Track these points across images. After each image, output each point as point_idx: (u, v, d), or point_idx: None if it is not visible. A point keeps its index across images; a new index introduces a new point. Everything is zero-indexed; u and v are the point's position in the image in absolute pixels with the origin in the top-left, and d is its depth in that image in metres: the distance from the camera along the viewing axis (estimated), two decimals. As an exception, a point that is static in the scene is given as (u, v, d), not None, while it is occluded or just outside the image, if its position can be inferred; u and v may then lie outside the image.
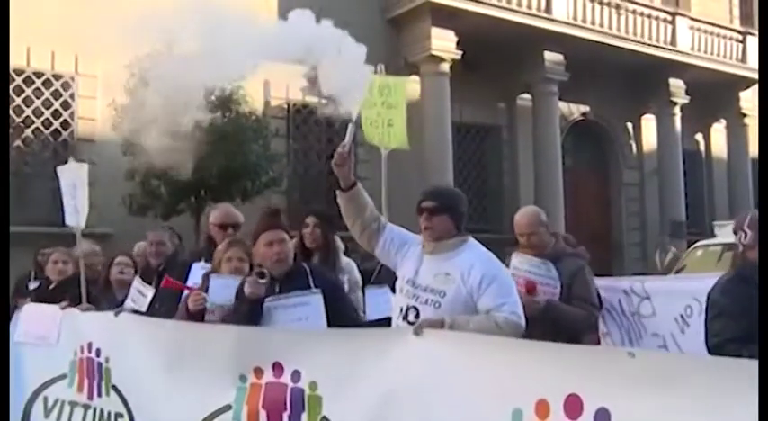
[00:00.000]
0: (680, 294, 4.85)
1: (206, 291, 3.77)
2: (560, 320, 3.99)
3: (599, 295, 4.52)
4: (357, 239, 3.45)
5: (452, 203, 3.30)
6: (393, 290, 3.55)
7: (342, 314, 3.49)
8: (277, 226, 3.69)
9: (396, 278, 3.42)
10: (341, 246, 4.56)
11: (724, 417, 1.91)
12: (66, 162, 5.19)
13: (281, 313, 3.47)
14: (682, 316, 4.79)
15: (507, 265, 3.94)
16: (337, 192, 3.35)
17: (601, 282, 4.79)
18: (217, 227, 4.59)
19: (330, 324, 3.42)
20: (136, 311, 4.41)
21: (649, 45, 16.40)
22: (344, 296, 3.73)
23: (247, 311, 3.48)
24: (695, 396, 2.00)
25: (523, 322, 3.11)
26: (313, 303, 3.48)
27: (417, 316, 3.15)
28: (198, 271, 4.37)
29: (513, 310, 3.09)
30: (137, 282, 4.79)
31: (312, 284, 3.55)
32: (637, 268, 17.15)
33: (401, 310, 3.25)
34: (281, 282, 3.58)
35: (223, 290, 3.71)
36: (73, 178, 4.88)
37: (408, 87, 5.10)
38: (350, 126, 3.25)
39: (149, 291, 4.62)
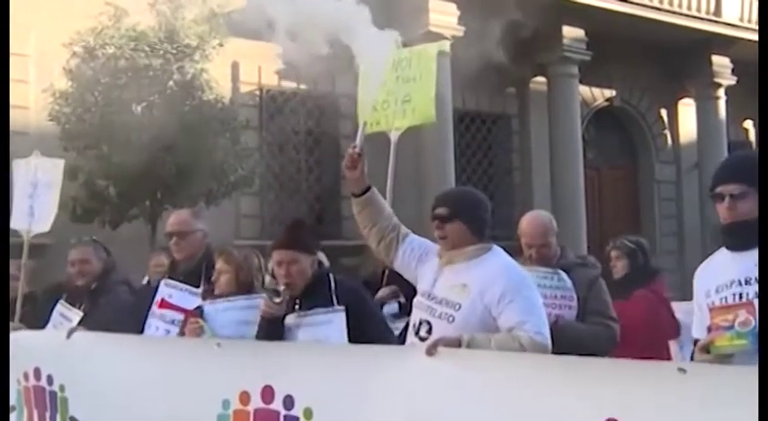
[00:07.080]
0: None
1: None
2: (578, 340, 4.05)
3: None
4: (374, 250, 3.62)
5: (467, 208, 3.44)
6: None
7: (368, 331, 3.57)
8: (288, 244, 3.77)
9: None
10: (325, 261, 4.72)
11: None
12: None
13: (302, 332, 3.60)
14: None
15: None
16: (351, 198, 3.54)
17: None
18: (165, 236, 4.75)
19: (356, 341, 3.53)
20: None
21: (688, 16, 16.39)
22: (372, 309, 3.83)
23: (265, 331, 3.64)
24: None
25: (550, 343, 3.22)
26: (335, 322, 3.60)
27: (430, 331, 3.27)
28: (164, 288, 4.51)
29: (538, 330, 3.19)
30: (60, 306, 4.88)
31: (335, 298, 3.66)
32: (672, 280, 17.24)
33: (414, 325, 3.37)
34: (300, 298, 3.71)
35: (218, 315, 3.93)
36: (36, 176, 4.94)
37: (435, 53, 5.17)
38: (360, 124, 3.44)
39: (75, 315, 4.72)
